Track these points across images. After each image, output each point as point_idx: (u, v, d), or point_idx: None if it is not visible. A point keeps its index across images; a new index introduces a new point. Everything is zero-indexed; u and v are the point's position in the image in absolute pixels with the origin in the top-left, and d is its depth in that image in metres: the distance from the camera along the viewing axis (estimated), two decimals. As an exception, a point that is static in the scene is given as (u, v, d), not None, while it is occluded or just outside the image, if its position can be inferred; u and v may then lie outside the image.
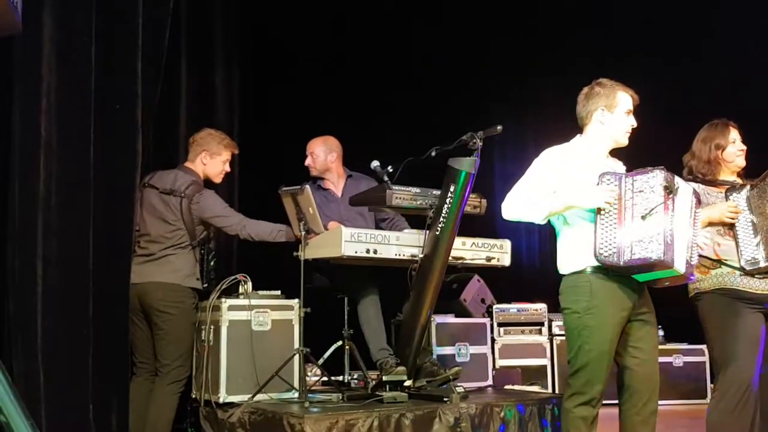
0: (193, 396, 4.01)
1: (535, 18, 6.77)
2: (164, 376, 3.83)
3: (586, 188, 3.09)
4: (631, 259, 2.98)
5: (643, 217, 2.99)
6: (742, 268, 3.28)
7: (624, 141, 3.26)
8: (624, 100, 3.23)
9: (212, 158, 4.07)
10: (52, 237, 3.21)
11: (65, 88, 3.30)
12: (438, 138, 3.69)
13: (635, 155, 3.39)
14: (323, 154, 4.45)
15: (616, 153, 3.33)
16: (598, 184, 3.10)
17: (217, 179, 4.15)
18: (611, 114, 3.21)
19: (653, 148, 3.90)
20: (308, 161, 4.48)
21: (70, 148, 3.31)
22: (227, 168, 4.16)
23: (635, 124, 3.25)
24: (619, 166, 3.32)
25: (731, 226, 3.33)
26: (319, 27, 6.13)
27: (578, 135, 3.30)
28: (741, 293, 3.28)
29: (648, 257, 2.96)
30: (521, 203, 3.16)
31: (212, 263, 4.07)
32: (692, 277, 3.16)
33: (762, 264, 3.23)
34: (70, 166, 3.31)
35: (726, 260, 3.33)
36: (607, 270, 3.07)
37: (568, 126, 3.35)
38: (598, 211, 3.06)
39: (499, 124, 3.49)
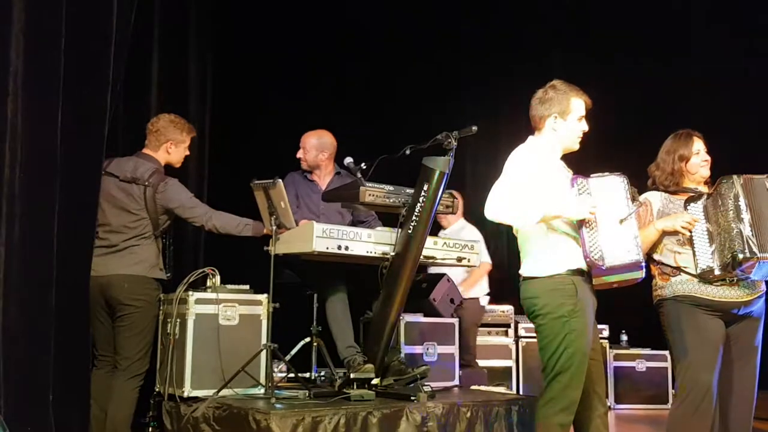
0: (157, 390, 3.94)
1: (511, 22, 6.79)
2: (124, 370, 3.74)
3: (569, 199, 3.08)
4: (614, 261, 3.03)
5: (620, 221, 3.07)
6: (699, 276, 3.32)
7: (575, 147, 3.25)
8: (577, 105, 3.20)
9: (177, 147, 4.02)
10: (15, 222, 3.12)
11: (33, 70, 3.20)
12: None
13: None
14: (315, 151, 4.39)
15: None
16: (572, 187, 3.12)
17: (179, 164, 4.10)
18: (564, 121, 3.18)
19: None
20: (300, 153, 4.41)
21: (36, 132, 3.21)
22: (188, 152, 4.12)
23: (587, 129, 3.24)
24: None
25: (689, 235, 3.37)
26: (292, 17, 6.06)
27: (532, 137, 3.26)
28: (698, 300, 3.32)
29: (632, 260, 3.04)
30: (509, 206, 3.03)
31: (170, 250, 4.00)
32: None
33: (716, 272, 3.28)
34: (36, 150, 3.22)
35: (684, 268, 3.37)
36: (583, 272, 3.10)
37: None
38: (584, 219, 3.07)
39: (473, 124, 3.49)
